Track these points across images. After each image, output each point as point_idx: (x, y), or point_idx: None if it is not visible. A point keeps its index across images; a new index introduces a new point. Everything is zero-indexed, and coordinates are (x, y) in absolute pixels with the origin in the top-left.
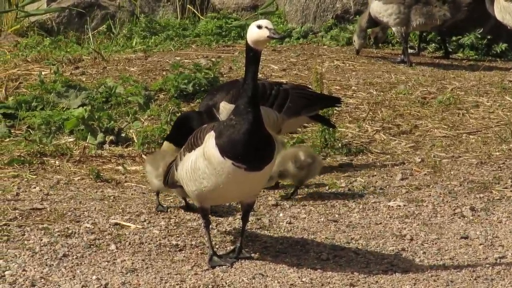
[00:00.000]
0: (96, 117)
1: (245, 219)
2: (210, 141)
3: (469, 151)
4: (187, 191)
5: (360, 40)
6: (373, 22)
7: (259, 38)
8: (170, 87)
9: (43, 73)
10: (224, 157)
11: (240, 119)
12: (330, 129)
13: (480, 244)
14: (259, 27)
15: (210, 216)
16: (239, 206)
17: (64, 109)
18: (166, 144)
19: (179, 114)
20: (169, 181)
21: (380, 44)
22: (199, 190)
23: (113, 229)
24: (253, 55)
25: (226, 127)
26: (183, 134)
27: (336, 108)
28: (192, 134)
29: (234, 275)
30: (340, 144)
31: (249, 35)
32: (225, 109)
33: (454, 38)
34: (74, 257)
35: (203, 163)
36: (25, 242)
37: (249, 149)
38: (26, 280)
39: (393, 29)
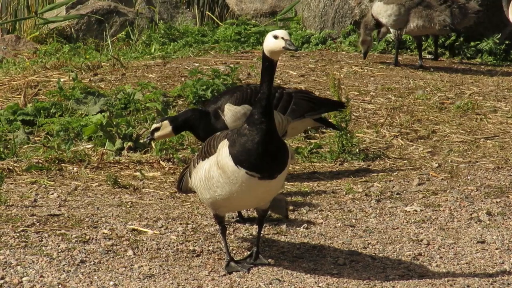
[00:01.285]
0: (115, 123)
1: (260, 225)
2: (223, 149)
3: (486, 156)
4: (201, 199)
5: (367, 44)
6: (377, 23)
7: (275, 49)
8: (189, 93)
9: (62, 80)
10: (237, 166)
11: (254, 128)
12: (348, 134)
13: (497, 249)
14: (276, 37)
15: (226, 222)
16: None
17: (83, 116)
18: (165, 123)
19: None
20: (183, 187)
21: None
22: (213, 198)
23: (130, 234)
24: (268, 65)
25: (239, 136)
26: (184, 125)
27: (354, 114)
28: (206, 142)
29: (251, 280)
30: (357, 150)
31: (265, 45)
32: (229, 110)
33: (472, 44)
34: (92, 263)
35: (217, 172)
36: (43, 248)
37: (263, 158)
38: (44, 286)
39: (391, 30)
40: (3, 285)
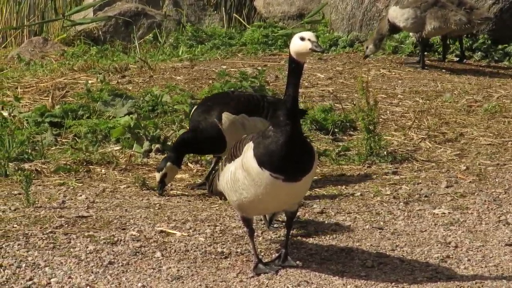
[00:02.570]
0: (142, 125)
1: (288, 227)
2: (248, 152)
3: None
4: (229, 201)
5: (373, 47)
6: (393, 28)
7: (302, 50)
8: None
9: (89, 81)
10: (262, 168)
11: (278, 130)
12: (376, 137)
13: None
14: (302, 39)
15: (254, 224)
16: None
17: (111, 118)
18: (169, 165)
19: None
20: (213, 190)
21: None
22: (239, 201)
23: (158, 236)
24: (295, 67)
25: (264, 138)
26: (182, 155)
27: (382, 116)
28: (233, 145)
29: (279, 282)
30: (385, 152)
31: (292, 47)
32: (228, 119)
33: (500, 47)
34: (120, 264)
35: (242, 174)
36: (71, 249)
37: (287, 160)
38: (72, 287)
39: (410, 33)
40: (31, 286)
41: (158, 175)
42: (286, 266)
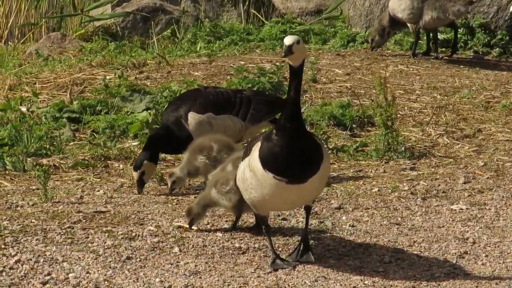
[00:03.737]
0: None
1: (306, 223)
2: (255, 152)
3: None
4: (245, 198)
5: (380, 38)
6: (393, 20)
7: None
8: None
9: (107, 77)
10: (265, 170)
11: (280, 134)
12: (393, 132)
13: None
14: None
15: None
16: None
17: (129, 113)
18: (146, 163)
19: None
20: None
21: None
22: (250, 199)
23: (176, 232)
24: (291, 70)
25: (268, 140)
26: (156, 152)
27: (400, 112)
28: (248, 142)
29: (297, 277)
30: (403, 148)
31: None
32: (193, 119)
33: None
34: (138, 259)
35: (249, 174)
36: (89, 244)
37: (289, 163)
38: (90, 283)
39: (408, 24)
40: (49, 281)
41: (136, 174)
42: (303, 261)
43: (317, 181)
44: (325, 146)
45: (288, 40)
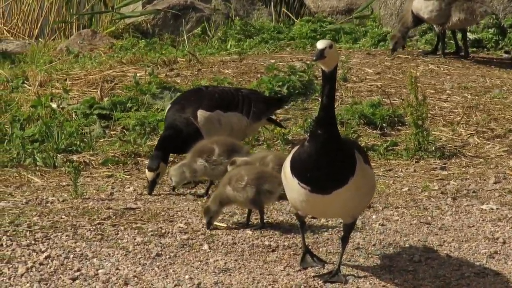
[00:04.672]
0: None
1: (343, 240)
2: (289, 156)
3: None
4: None
5: (402, 40)
6: (417, 20)
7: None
8: (265, 90)
9: (138, 74)
10: (292, 175)
11: (311, 139)
12: (424, 132)
13: None
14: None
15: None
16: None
17: (159, 110)
18: (162, 165)
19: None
20: None
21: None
22: (289, 200)
23: (206, 229)
24: (323, 74)
25: (300, 146)
26: (167, 153)
27: (431, 112)
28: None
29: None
30: (433, 147)
31: None
32: (203, 117)
33: None
34: (167, 256)
35: (284, 175)
36: (119, 241)
37: (312, 172)
38: (119, 279)
39: (433, 25)
40: (79, 277)
41: (151, 175)
42: (334, 281)
43: (346, 196)
44: (367, 165)
45: (321, 44)
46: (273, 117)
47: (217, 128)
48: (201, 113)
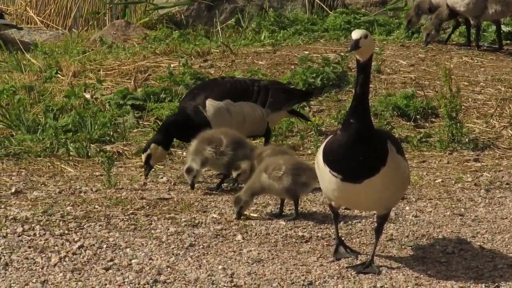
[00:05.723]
0: None
1: (376, 232)
2: (323, 144)
3: None
4: None
5: (436, 33)
6: (452, 13)
7: None
8: (299, 81)
9: (171, 65)
10: (324, 164)
11: (343, 128)
12: (457, 124)
13: None
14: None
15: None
16: None
17: None
18: (153, 146)
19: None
20: None
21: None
22: (322, 189)
23: (236, 219)
24: (357, 64)
25: (334, 135)
26: (170, 138)
27: (464, 104)
28: None
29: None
30: (467, 139)
31: None
32: (212, 106)
33: None
34: (201, 246)
35: (316, 165)
36: (152, 231)
37: (343, 160)
38: (153, 269)
39: (469, 18)
40: (112, 267)
41: (143, 156)
42: (368, 272)
43: (378, 185)
44: (400, 156)
45: (356, 34)
46: (307, 108)
47: (226, 118)
48: (209, 102)
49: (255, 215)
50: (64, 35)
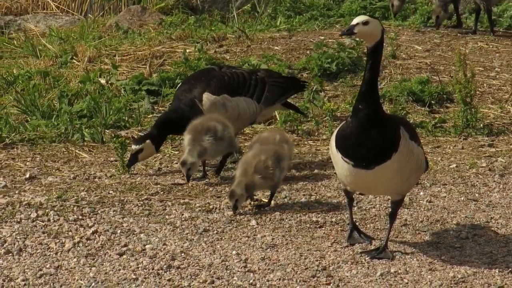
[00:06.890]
0: None
1: (390, 217)
2: (335, 131)
3: None
4: None
5: (443, 13)
6: None
7: None
8: (314, 66)
9: (187, 50)
10: (337, 150)
11: (354, 115)
12: (472, 109)
13: None
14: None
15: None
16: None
17: None
18: (148, 143)
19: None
20: None
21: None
22: (337, 175)
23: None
24: (367, 49)
25: (345, 121)
26: (164, 135)
27: (479, 89)
28: None
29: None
30: (481, 125)
31: None
32: (208, 100)
33: None
34: (215, 232)
35: (330, 151)
36: (166, 216)
37: (354, 146)
38: (167, 254)
39: (478, 2)
40: (126, 252)
41: (134, 148)
42: (381, 258)
43: (390, 172)
44: (414, 142)
45: (355, 19)
46: (322, 93)
47: (221, 113)
48: (206, 96)
49: (265, 200)
50: (80, 21)
